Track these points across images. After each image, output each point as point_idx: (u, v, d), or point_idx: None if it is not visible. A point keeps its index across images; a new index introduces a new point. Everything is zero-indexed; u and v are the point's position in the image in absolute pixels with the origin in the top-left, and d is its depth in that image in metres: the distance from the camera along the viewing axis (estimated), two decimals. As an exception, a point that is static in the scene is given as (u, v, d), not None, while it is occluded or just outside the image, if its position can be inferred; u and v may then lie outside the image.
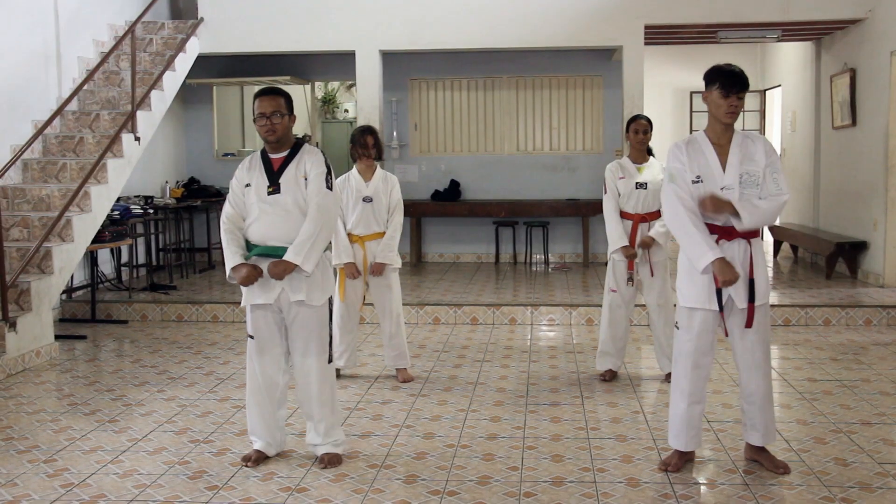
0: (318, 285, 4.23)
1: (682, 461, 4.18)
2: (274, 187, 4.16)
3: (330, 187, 4.20)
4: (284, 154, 4.24)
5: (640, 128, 5.80)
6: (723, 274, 3.87)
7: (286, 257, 4.08)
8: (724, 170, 3.97)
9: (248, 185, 4.21)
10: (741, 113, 4.08)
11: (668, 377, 5.66)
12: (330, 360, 4.32)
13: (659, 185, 5.75)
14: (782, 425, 4.85)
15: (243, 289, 4.25)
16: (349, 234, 5.76)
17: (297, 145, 4.28)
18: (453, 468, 4.22)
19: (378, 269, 5.74)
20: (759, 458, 4.20)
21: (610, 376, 5.88)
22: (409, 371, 5.97)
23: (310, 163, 4.21)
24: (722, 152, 4.00)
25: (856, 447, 4.44)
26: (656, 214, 5.74)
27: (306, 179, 4.18)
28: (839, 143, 10.00)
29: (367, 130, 5.81)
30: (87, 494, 3.94)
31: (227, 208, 4.26)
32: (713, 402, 5.29)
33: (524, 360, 6.55)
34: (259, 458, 4.33)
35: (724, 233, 3.97)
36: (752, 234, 4.00)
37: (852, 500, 3.78)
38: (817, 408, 5.13)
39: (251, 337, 4.31)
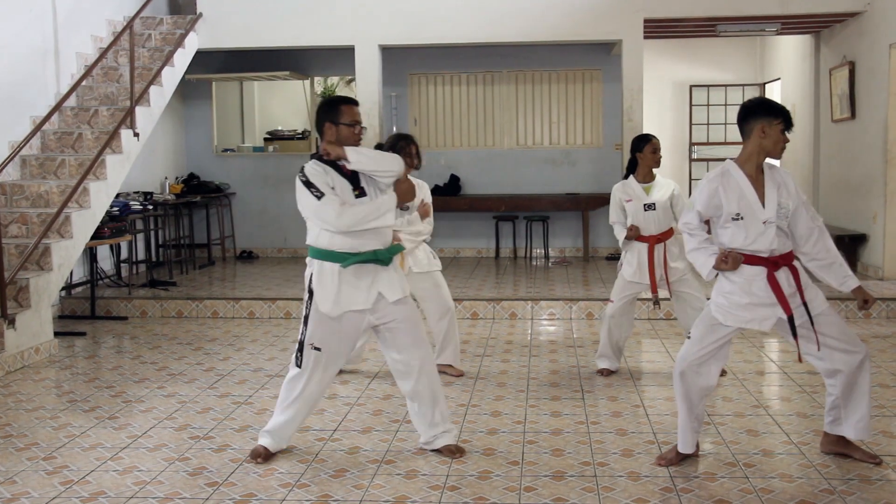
0: (402, 279, 4.26)
1: (681, 457, 4.18)
2: (359, 190, 4.12)
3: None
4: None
5: (657, 146, 5.69)
6: (734, 262, 3.91)
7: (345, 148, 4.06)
8: (763, 204, 3.94)
9: (332, 188, 4.08)
10: None
11: None
12: None
13: (667, 203, 5.69)
14: (782, 418, 4.86)
15: (330, 296, 4.07)
16: None
17: None
18: (454, 463, 4.22)
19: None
20: (846, 450, 4.18)
21: (606, 374, 5.88)
22: (456, 366, 5.97)
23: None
24: (756, 185, 3.96)
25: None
26: (670, 233, 5.68)
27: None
28: (838, 136, 9.99)
29: (411, 139, 5.66)
30: (87, 492, 3.94)
31: (335, 204, 4.00)
32: (714, 395, 5.28)
33: (524, 354, 6.55)
34: (268, 456, 4.31)
35: (771, 264, 3.94)
36: (792, 258, 4.00)
37: (852, 492, 3.78)
38: (817, 400, 5.13)
39: (317, 349, 4.16)
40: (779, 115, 3.92)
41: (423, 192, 5.79)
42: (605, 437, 4.58)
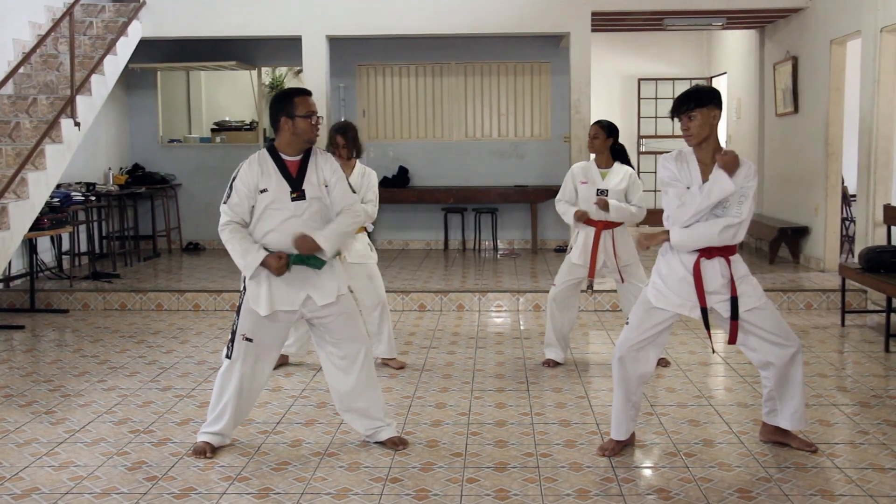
0: (336, 278, 4.16)
1: (620, 446, 4.21)
2: (298, 193, 4.05)
3: (354, 191, 4.23)
4: (300, 157, 4.12)
5: (589, 132, 5.75)
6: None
7: (316, 238, 4.01)
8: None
9: (264, 191, 4.04)
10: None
11: None
12: None
13: (621, 192, 5.69)
14: (723, 408, 4.92)
15: (262, 295, 4.06)
16: None
17: (308, 148, 4.17)
18: (396, 455, 4.20)
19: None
20: (784, 439, 4.24)
21: (552, 365, 5.90)
22: (398, 358, 5.97)
23: (328, 169, 4.14)
24: (706, 171, 3.99)
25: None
26: (620, 223, 5.72)
27: (327, 187, 4.11)
28: (782, 129, 10.15)
29: (339, 129, 5.62)
30: (20, 488, 3.84)
31: (229, 215, 4.07)
32: (657, 386, 5.34)
33: (471, 346, 6.55)
34: (214, 451, 4.25)
35: (703, 251, 3.98)
36: (730, 251, 4.00)
37: (788, 479, 3.85)
38: (757, 390, 5.20)
39: (248, 340, 4.14)
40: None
41: (370, 181, 5.70)
42: (549, 429, 4.60)
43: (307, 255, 4.06)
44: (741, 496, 3.68)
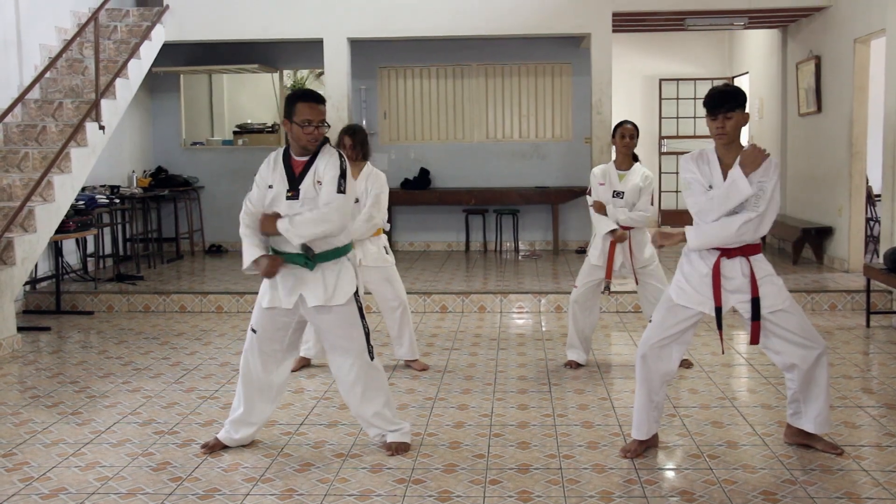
0: (333, 286, 4.11)
1: (643, 447, 4.20)
2: (293, 193, 4.07)
3: (342, 190, 4.06)
4: (307, 158, 4.13)
5: (626, 132, 5.68)
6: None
7: (279, 222, 4.02)
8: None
9: (270, 187, 4.13)
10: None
11: None
12: (371, 357, 4.20)
13: (636, 192, 5.68)
14: (747, 410, 4.90)
15: (265, 288, 4.19)
16: None
17: (318, 147, 4.17)
18: (420, 456, 4.21)
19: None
20: (809, 441, 4.22)
21: (574, 366, 5.89)
22: (420, 360, 5.99)
23: (323, 166, 4.09)
24: (727, 169, 3.98)
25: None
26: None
27: (320, 184, 4.07)
28: (805, 129, 10.08)
29: (347, 130, 5.61)
30: (47, 488, 3.89)
31: (246, 206, 4.17)
32: (680, 387, 5.32)
33: (493, 347, 6.56)
34: (216, 446, 4.33)
35: (724, 250, 3.97)
36: (752, 251, 3.97)
37: (813, 482, 3.82)
38: (781, 392, 5.17)
39: (253, 331, 4.25)
40: (705, 104, 4.00)
41: (378, 184, 5.64)
42: (572, 430, 4.59)
43: (293, 254, 4.07)
44: (766, 499, 3.66)
